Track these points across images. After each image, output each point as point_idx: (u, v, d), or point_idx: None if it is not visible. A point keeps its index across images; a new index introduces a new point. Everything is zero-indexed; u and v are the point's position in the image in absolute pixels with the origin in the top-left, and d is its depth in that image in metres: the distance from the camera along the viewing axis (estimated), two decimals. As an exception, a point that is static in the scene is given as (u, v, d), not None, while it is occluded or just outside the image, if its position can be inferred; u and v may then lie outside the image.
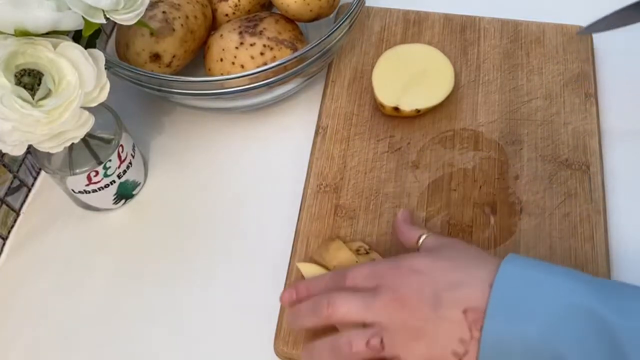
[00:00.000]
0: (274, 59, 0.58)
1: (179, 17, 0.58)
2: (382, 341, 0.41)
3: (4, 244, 0.59)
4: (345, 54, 0.66)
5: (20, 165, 0.60)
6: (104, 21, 0.45)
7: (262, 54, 0.58)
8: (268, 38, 0.59)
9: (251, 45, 0.58)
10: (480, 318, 0.38)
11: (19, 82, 0.43)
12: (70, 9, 0.44)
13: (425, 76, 0.61)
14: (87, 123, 0.46)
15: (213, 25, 0.63)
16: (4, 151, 0.45)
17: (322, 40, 0.56)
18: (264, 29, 0.59)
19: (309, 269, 0.51)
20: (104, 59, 0.46)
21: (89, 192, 0.56)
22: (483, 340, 0.38)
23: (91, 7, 0.44)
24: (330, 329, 0.45)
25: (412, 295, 0.41)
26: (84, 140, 0.53)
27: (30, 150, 0.57)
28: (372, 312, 0.42)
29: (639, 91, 0.54)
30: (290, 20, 0.61)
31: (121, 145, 0.55)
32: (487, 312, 0.38)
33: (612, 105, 0.61)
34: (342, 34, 0.58)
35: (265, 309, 0.52)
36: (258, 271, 0.55)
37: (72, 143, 0.46)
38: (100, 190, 0.56)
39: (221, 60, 0.59)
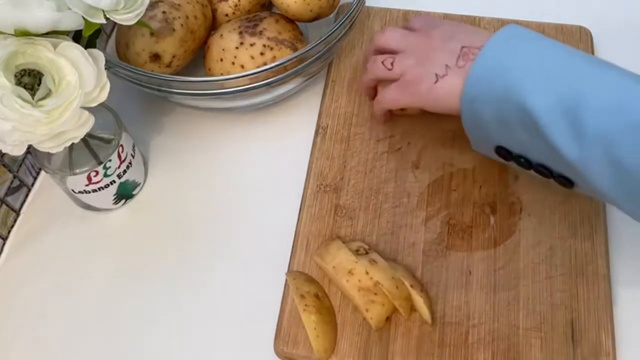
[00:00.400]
0: (274, 59, 0.58)
1: (179, 17, 0.58)
2: (392, 63, 0.53)
3: (4, 244, 0.59)
4: (345, 54, 0.66)
5: (20, 165, 0.60)
6: (104, 21, 0.45)
7: (262, 54, 0.58)
8: (268, 38, 0.59)
9: (251, 45, 0.58)
10: (471, 54, 0.48)
11: (19, 82, 0.43)
12: (70, 9, 0.44)
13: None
14: (87, 123, 0.46)
15: (213, 25, 0.63)
16: (4, 151, 0.45)
17: (322, 40, 0.56)
18: (264, 29, 0.59)
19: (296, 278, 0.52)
20: (104, 59, 0.46)
21: (89, 192, 0.56)
22: (471, 70, 0.46)
23: (91, 7, 0.44)
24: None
25: (438, 33, 0.51)
26: (84, 140, 0.53)
27: (30, 150, 0.57)
28: (404, 41, 0.53)
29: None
30: (290, 20, 0.61)
31: (121, 145, 0.55)
32: (480, 51, 0.47)
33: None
34: (342, 34, 0.58)
35: (265, 309, 0.52)
36: (258, 271, 0.55)
37: (72, 143, 0.46)
38: (100, 190, 0.56)
39: (221, 60, 0.59)
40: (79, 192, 0.56)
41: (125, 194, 0.59)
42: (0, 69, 0.42)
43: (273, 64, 0.55)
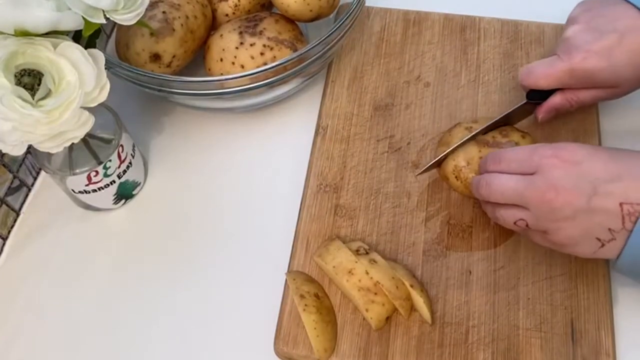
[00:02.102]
0: (274, 59, 0.58)
1: (179, 17, 0.58)
2: (527, 224, 0.46)
3: (4, 244, 0.59)
4: (345, 54, 0.66)
5: (20, 165, 0.60)
6: (104, 21, 0.45)
7: (262, 54, 0.58)
8: (268, 38, 0.59)
9: (251, 45, 0.58)
10: (637, 212, 0.41)
11: (19, 82, 0.43)
12: (70, 9, 0.44)
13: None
14: (87, 123, 0.46)
15: (213, 25, 0.63)
16: (4, 151, 0.45)
17: (322, 40, 0.56)
18: (264, 29, 0.59)
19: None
20: (104, 59, 0.46)
21: (89, 192, 0.56)
22: (635, 232, 0.41)
23: (91, 7, 0.44)
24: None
25: (569, 186, 0.43)
26: (84, 140, 0.53)
27: (30, 150, 0.57)
28: (524, 199, 0.45)
29: (638, 91, 0.54)
30: (290, 20, 0.61)
31: (121, 145, 0.55)
32: None
33: (612, 105, 0.61)
34: (342, 34, 0.58)
35: (265, 309, 0.52)
36: (258, 271, 0.55)
37: (72, 143, 0.46)
38: (100, 190, 0.56)
39: (221, 60, 0.59)
40: (79, 192, 0.56)
41: (125, 194, 0.59)
42: (0, 69, 0.42)
43: (273, 64, 0.55)
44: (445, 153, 0.54)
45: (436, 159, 0.55)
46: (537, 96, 0.55)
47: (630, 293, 0.52)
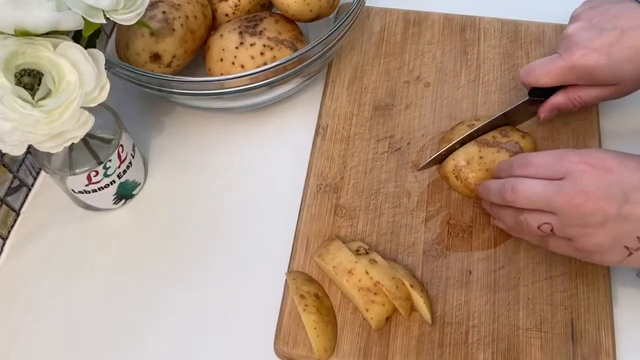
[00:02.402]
0: (274, 59, 0.58)
1: (179, 17, 0.58)
2: (552, 229, 0.45)
3: (4, 244, 0.59)
4: (345, 54, 0.66)
5: (20, 165, 0.60)
6: (104, 21, 0.45)
7: (262, 54, 0.58)
8: (268, 38, 0.59)
9: (251, 45, 0.58)
10: None
11: (19, 82, 0.43)
12: (70, 9, 0.44)
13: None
14: (87, 123, 0.46)
15: (213, 25, 0.63)
16: (4, 151, 0.45)
17: (322, 40, 0.56)
18: (264, 29, 0.59)
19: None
20: (104, 59, 0.46)
21: (89, 192, 0.56)
22: None
23: (91, 7, 0.44)
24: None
25: (599, 192, 0.43)
26: (84, 140, 0.53)
27: (30, 150, 0.57)
28: (552, 204, 0.44)
29: (638, 91, 0.54)
30: (290, 20, 0.61)
31: (121, 145, 0.55)
32: None
33: (612, 105, 0.61)
34: (342, 34, 0.58)
35: (265, 309, 0.52)
36: (258, 271, 0.55)
37: (72, 143, 0.46)
38: (100, 190, 0.56)
39: (221, 60, 0.59)
40: (79, 192, 0.56)
41: (125, 194, 0.59)
42: (0, 69, 0.42)
43: (273, 64, 0.55)
44: (446, 148, 0.54)
45: (437, 154, 0.55)
46: (539, 94, 0.55)
47: (630, 293, 0.52)
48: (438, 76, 0.64)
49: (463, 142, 0.55)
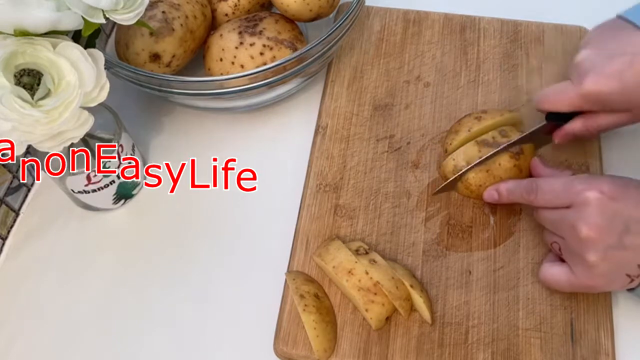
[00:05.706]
0: (273, 58, 0.58)
1: (179, 17, 0.58)
2: (560, 248, 0.48)
3: (3, 244, 0.59)
4: (345, 54, 0.66)
5: (20, 166, 0.60)
6: (103, 21, 0.45)
7: (261, 53, 0.58)
8: (268, 38, 0.58)
9: (251, 45, 0.58)
10: None
11: (18, 82, 0.43)
12: (69, 9, 0.44)
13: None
14: (86, 123, 0.46)
15: (213, 25, 0.63)
16: (3, 151, 0.45)
17: (322, 40, 0.56)
18: (264, 28, 0.59)
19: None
20: (103, 59, 0.46)
21: (89, 192, 0.56)
22: None
23: (91, 7, 0.44)
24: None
25: (603, 224, 0.45)
26: (83, 140, 0.53)
27: (30, 150, 0.57)
28: (561, 230, 0.48)
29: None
30: (290, 20, 0.61)
31: (121, 145, 0.55)
32: None
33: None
34: (342, 33, 0.58)
35: (265, 309, 0.52)
36: (258, 271, 0.55)
37: (72, 143, 0.46)
38: (99, 190, 0.56)
39: (221, 60, 0.59)
40: (79, 192, 0.56)
41: (124, 194, 0.59)
42: (0, 69, 0.42)
43: (273, 64, 0.55)
44: (460, 173, 0.53)
45: (452, 178, 0.54)
46: (556, 117, 0.55)
47: (629, 293, 0.52)
48: (438, 76, 0.64)
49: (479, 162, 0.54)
